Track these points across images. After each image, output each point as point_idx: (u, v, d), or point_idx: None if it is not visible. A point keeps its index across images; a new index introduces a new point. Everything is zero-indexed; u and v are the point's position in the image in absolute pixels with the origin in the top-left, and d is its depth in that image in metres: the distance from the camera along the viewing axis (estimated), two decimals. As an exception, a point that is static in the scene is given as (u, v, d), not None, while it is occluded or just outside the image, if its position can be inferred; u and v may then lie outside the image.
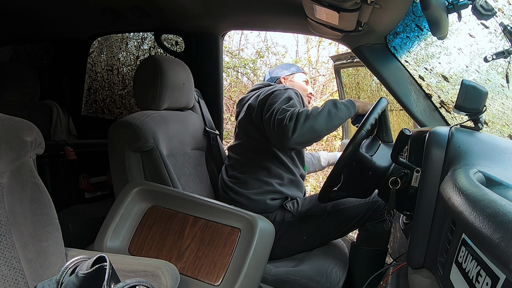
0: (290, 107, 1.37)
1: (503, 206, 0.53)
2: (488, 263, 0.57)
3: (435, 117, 1.47)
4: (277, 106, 1.41)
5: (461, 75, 1.72)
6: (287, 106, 1.39)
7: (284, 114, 1.34)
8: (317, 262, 1.37)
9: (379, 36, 1.45)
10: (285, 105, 1.39)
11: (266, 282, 1.28)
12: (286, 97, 1.45)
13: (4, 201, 0.80)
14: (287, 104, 1.40)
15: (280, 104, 1.42)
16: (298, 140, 1.30)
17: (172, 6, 1.79)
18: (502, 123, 1.75)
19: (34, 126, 0.88)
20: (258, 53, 5.07)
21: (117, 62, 2.61)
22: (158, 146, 1.33)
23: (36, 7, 1.94)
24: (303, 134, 1.29)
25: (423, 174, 0.99)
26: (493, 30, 1.52)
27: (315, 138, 1.33)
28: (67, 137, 2.42)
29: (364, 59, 1.53)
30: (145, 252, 1.07)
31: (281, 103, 1.42)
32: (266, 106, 1.48)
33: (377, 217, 1.47)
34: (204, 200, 1.10)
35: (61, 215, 0.90)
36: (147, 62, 1.48)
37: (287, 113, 1.34)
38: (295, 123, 1.29)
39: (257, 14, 1.76)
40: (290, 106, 1.38)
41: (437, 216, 0.94)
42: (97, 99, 2.69)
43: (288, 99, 1.44)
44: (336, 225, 1.47)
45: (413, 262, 0.99)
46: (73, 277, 0.59)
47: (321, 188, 1.28)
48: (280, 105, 1.41)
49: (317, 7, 1.14)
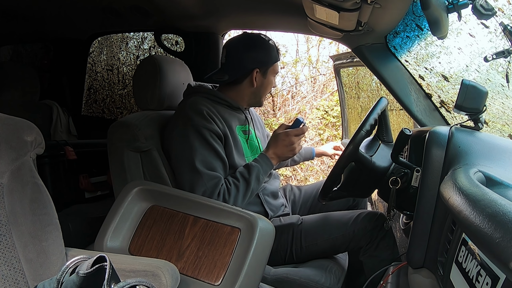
0: (211, 188, 1.22)
1: (503, 206, 0.53)
2: (488, 262, 0.57)
3: (435, 116, 1.47)
4: (191, 183, 1.23)
5: (461, 75, 1.73)
6: (205, 183, 1.22)
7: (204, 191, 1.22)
8: (316, 262, 1.37)
9: (379, 35, 1.45)
10: (203, 182, 1.22)
11: (265, 282, 1.28)
12: (196, 157, 1.23)
13: (4, 201, 0.80)
14: (205, 177, 1.22)
15: (194, 176, 1.23)
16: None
17: (172, 6, 1.79)
18: (502, 122, 1.75)
19: (34, 126, 0.88)
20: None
21: (117, 61, 2.61)
22: (157, 146, 1.33)
23: (36, 7, 1.94)
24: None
25: (423, 174, 0.99)
26: (493, 30, 1.52)
27: None
28: (67, 137, 2.42)
29: (364, 58, 1.53)
30: (145, 252, 1.07)
31: (195, 173, 1.22)
32: (174, 161, 1.29)
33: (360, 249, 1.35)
34: (204, 200, 1.10)
35: (61, 215, 0.90)
36: (146, 62, 1.48)
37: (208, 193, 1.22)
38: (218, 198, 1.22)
39: (257, 14, 1.76)
40: (209, 180, 1.22)
41: (437, 216, 0.94)
42: (97, 99, 2.69)
43: (201, 161, 1.24)
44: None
45: (413, 261, 0.99)
46: (74, 276, 0.59)
47: (321, 188, 1.28)
48: (196, 180, 1.22)
49: (317, 7, 1.13)
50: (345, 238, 1.33)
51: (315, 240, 1.35)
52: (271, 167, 1.34)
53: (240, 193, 1.26)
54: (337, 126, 4.42)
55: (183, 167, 1.26)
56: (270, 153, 1.33)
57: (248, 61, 1.37)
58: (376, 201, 2.04)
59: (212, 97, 1.37)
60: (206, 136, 1.26)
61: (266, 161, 1.32)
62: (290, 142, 1.31)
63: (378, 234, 1.31)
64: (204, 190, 1.22)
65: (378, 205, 2.00)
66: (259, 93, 1.44)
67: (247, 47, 1.38)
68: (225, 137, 1.31)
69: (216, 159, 1.27)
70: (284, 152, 1.33)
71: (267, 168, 1.33)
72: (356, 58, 2.07)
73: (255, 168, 1.29)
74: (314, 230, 1.36)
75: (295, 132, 1.32)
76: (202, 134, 1.26)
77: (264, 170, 1.31)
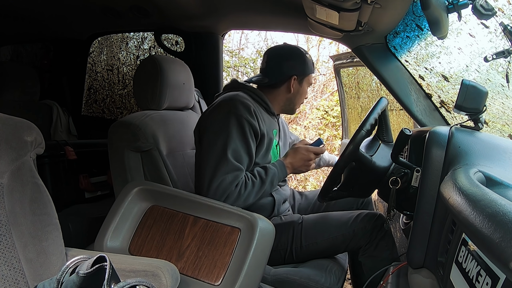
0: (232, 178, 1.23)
1: (503, 206, 0.53)
2: (488, 263, 0.57)
3: (435, 117, 1.47)
4: (215, 165, 1.24)
5: (461, 75, 1.73)
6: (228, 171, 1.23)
7: (222, 192, 1.22)
8: (316, 262, 1.36)
9: (379, 35, 1.45)
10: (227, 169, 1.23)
11: (265, 282, 1.28)
12: (230, 144, 1.25)
13: (4, 201, 0.80)
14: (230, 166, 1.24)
15: (220, 161, 1.24)
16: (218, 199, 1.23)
17: (172, 6, 1.79)
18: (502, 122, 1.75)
19: (34, 126, 0.88)
20: (259, 52, 5.07)
21: (117, 61, 2.61)
22: (158, 146, 1.33)
23: (36, 7, 1.94)
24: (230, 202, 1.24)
25: (423, 174, 0.99)
26: (493, 30, 1.52)
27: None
28: (67, 137, 2.43)
29: (364, 59, 1.53)
30: (145, 252, 1.07)
31: (223, 159, 1.24)
32: (206, 141, 1.31)
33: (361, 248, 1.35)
34: (204, 200, 1.11)
35: (61, 215, 0.90)
36: (147, 62, 1.48)
37: (226, 192, 1.23)
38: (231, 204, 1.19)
39: (257, 14, 1.76)
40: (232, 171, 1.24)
41: (437, 216, 0.94)
42: (97, 99, 2.69)
43: (233, 150, 1.25)
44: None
45: (413, 262, 0.99)
46: (74, 276, 0.59)
47: (321, 188, 1.28)
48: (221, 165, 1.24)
49: (317, 7, 1.13)
50: (344, 237, 1.33)
51: (315, 239, 1.36)
52: (285, 175, 1.38)
53: (255, 190, 1.29)
54: (337, 126, 4.42)
55: (213, 152, 1.27)
56: (287, 162, 1.38)
57: (287, 67, 1.44)
58: (376, 201, 2.04)
59: (256, 96, 1.42)
60: (245, 128, 1.29)
61: (282, 168, 1.37)
62: (308, 158, 1.38)
63: (377, 234, 1.32)
64: (224, 177, 1.24)
65: (378, 205, 2.00)
66: (293, 100, 1.50)
67: (288, 55, 1.46)
68: (261, 136, 1.35)
69: (245, 154, 1.30)
70: (300, 166, 1.39)
71: (281, 175, 1.37)
72: (356, 58, 2.07)
73: (271, 171, 1.33)
74: (314, 229, 1.37)
75: (315, 150, 1.39)
76: (242, 125, 1.28)
77: (278, 176, 1.35)
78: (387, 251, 1.31)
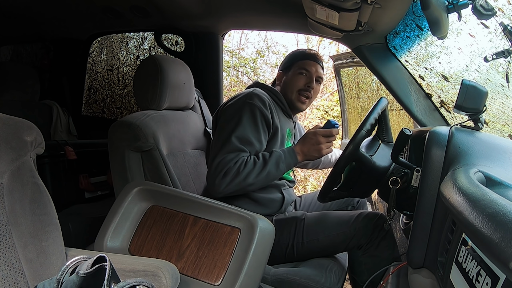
0: (233, 156, 1.26)
1: (503, 206, 0.53)
2: (488, 263, 0.57)
3: (435, 117, 1.47)
4: (220, 147, 1.29)
5: (461, 75, 1.73)
6: (231, 151, 1.27)
7: (221, 168, 1.26)
8: (316, 261, 1.36)
9: (379, 35, 1.45)
10: (230, 149, 1.27)
11: (265, 282, 1.28)
12: (237, 128, 1.30)
13: (4, 201, 0.80)
14: (233, 147, 1.28)
15: (225, 142, 1.29)
16: (228, 192, 1.27)
17: (172, 6, 1.79)
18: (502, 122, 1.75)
19: (34, 126, 0.88)
20: (259, 52, 5.07)
21: (117, 61, 2.61)
22: (158, 146, 1.33)
23: (37, 7, 1.94)
24: (235, 190, 1.27)
25: (423, 174, 0.99)
26: (493, 30, 1.52)
27: (247, 190, 1.32)
28: (67, 137, 2.43)
29: (364, 59, 1.53)
30: (145, 252, 1.07)
31: (227, 141, 1.29)
32: (217, 129, 1.38)
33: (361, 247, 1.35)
34: (204, 200, 1.10)
35: (61, 215, 0.90)
36: (147, 62, 1.48)
37: (224, 168, 1.25)
38: (229, 182, 1.25)
39: (257, 14, 1.76)
40: (235, 150, 1.27)
41: (437, 216, 0.94)
42: (97, 99, 2.69)
43: (240, 133, 1.29)
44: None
45: (413, 261, 0.99)
46: (74, 276, 0.59)
47: (321, 188, 1.28)
48: (224, 146, 1.28)
49: (317, 7, 1.13)
50: (345, 236, 1.34)
51: (316, 236, 1.36)
52: (295, 161, 1.36)
53: (256, 170, 1.28)
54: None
55: (222, 133, 1.32)
56: (297, 149, 1.36)
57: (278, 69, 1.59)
58: (376, 201, 2.04)
59: (274, 96, 1.47)
60: (256, 116, 1.32)
61: (291, 154, 1.35)
62: (317, 142, 1.34)
63: (378, 234, 1.32)
64: (226, 156, 1.27)
65: (378, 205, 2.00)
66: (286, 90, 1.52)
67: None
68: (274, 129, 1.38)
69: (254, 138, 1.31)
70: (310, 151, 1.35)
71: (290, 160, 1.34)
72: (356, 58, 2.07)
73: (276, 153, 1.33)
74: (316, 226, 1.38)
75: (323, 133, 1.35)
76: (254, 113, 1.32)
77: (286, 160, 1.33)
78: (388, 251, 1.31)
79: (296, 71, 1.50)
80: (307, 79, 1.50)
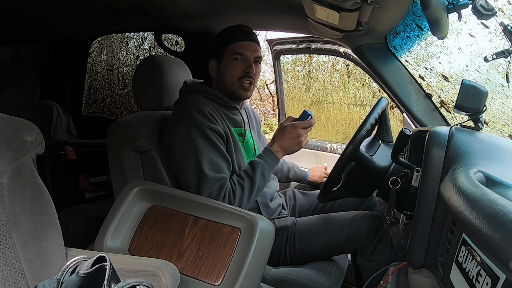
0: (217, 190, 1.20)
1: (503, 206, 0.53)
2: (488, 263, 0.57)
3: (435, 117, 1.47)
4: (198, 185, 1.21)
5: (461, 75, 1.73)
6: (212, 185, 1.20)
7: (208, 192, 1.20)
8: (316, 263, 1.36)
9: (379, 35, 1.45)
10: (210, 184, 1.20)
11: (265, 282, 1.28)
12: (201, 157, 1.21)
13: (4, 201, 0.80)
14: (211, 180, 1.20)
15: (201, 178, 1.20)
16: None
17: (172, 6, 1.79)
18: (503, 122, 1.75)
19: (34, 126, 0.88)
20: (258, 52, 5.05)
21: (117, 61, 2.61)
22: (157, 146, 1.33)
23: (36, 7, 1.94)
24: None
25: (423, 174, 0.99)
26: (493, 30, 1.52)
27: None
28: (67, 137, 2.43)
29: (364, 58, 1.53)
30: (145, 252, 1.07)
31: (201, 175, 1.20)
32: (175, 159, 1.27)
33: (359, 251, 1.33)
34: (204, 200, 1.10)
35: (61, 215, 0.90)
36: (146, 62, 1.48)
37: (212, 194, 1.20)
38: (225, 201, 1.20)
39: (257, 14, 1.76)
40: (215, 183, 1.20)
41: (437, 216, 0.94)
42: (97, 99, 2.69)
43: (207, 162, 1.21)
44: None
45: (413, 262, 0.99)
46: (74, 276, 0.59)
47: (321, 188, 1.28)
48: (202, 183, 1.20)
49: (317, 7, 1.13)
50: (339, 240, 1.31)
51: (309, 242, 1.33)
52: (277, 161, 1.30)
53: (246, 192, 1.24)
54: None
55: (188, 169, 1.23)
56: (275, 147, 1.29)
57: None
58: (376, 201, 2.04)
59: (211, 96, 1.36)
60: (209, 136, 1.23)
61: (271, 156, 1.28)
62: (297, 135, 1.27)
63: (374, 237, 1.29)
64: (210, 192, 1.20)
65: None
66: (223, 80, 1.37)
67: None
68: (226, 137, 1.30)
69: (221, 159, 1.25)
70: (290, 145, 1.28)
71: (273, 163, 1.29)
72: (302, 44, 1.98)
73: (259, 164, 1.26)
74: (308, 233, 1.34)
75: (303, 125, 1.27)
76: (206, 134, 1.23)
77: (269, 166, 1.28)
78: (384, 255, 1.29)
79: (230, 57, 1.34)
80: (245, 64, 1.34)
